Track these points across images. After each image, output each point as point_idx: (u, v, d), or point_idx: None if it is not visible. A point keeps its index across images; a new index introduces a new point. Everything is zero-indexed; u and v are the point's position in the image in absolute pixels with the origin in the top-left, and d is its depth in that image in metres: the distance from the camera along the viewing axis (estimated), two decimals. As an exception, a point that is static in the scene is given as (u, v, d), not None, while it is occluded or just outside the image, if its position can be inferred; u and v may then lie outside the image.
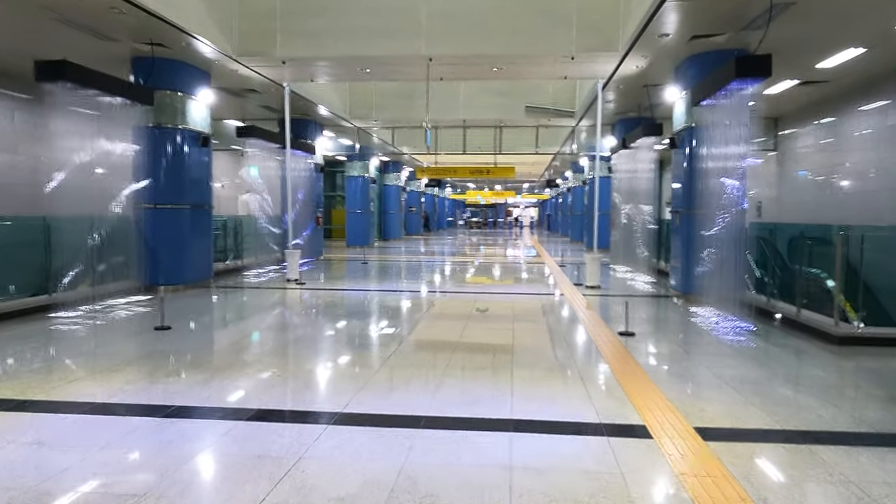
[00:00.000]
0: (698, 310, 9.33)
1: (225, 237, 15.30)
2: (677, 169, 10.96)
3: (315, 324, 8.23)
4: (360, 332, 7.63)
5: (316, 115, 17.14)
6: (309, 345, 6.90)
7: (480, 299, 10.61)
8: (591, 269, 12.17)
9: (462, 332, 7.50)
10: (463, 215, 70.16)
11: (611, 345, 6.83)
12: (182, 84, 11.14)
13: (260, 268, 14.83)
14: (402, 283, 13.29)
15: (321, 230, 18.83)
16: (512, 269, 16.88)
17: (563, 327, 8.06)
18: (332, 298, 10.77)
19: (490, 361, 6.04)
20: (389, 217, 31.49)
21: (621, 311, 8.76)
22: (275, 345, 6.92)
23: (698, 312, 9.14)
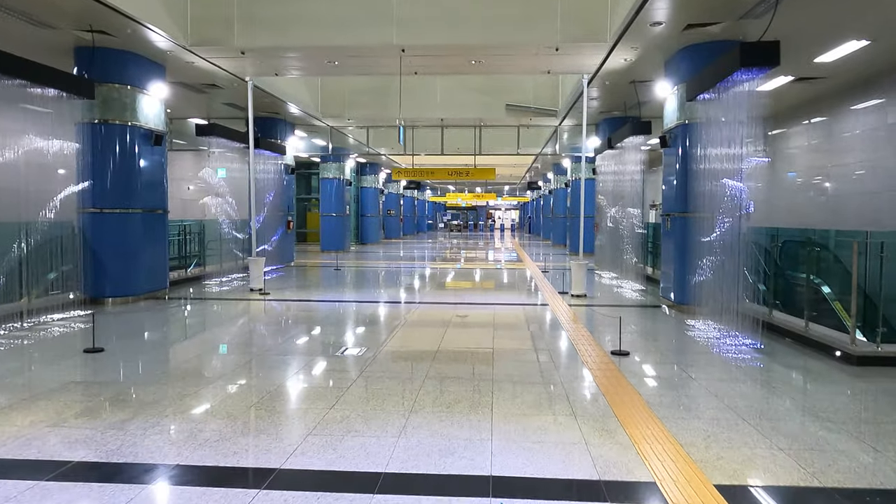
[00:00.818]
0: (695, 322, 8.58)
1: (185, 243, 14.30)
2: (668, 169, 10.24)
3: (270, 344, 7.34)
4: (321, 354, 6.75)
5: (286, 113, 16.21)
6: (258, 372, 6.00)
7: (458, 311, 9.78)
8: (576, 275, 11.40)
9: (436, 354, 6.65)
10: (443, 218, 69.33)
11: (604, 368, 6.03)
12: (131, 77, 10.17)
13: (224, 276, 13.85)
14: (374, 292, 12.41)
15: (292, 235, 17.89)
16: (492, 276, 16.08)
17: (549, 345, 7.25)
18: (296, 311, 9.86)
19: (467, 391, 5.20)
20: (367, 221, 30.58)
21: (611, 324, 7.99)
22: (220, 371, 6.02)
23: (695, 325, 8.39)
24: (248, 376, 5.74)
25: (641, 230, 13.23)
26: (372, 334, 7.88)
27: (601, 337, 7.61)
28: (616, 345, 6.91)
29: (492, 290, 12.75)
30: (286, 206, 17.35)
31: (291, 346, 7.08)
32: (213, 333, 8.14)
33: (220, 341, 7.56)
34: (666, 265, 10.39)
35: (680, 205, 9.67)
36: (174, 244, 14.29)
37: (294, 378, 5.63)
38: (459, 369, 5.98)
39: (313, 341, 7.46)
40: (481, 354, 6.61)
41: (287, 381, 5.56)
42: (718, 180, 7.99)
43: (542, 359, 6.47)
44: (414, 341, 7.40)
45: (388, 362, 6.25)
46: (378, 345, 7.09)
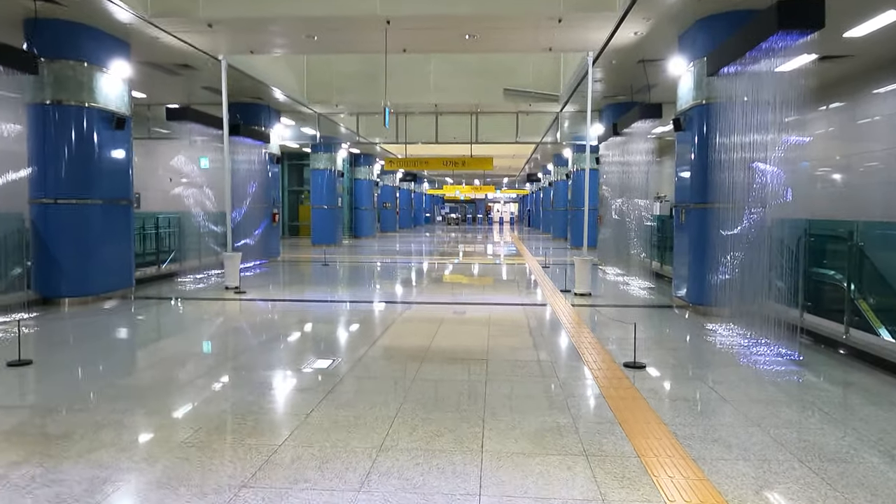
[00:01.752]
0: (715, 326, 7.62)
1: (159, 238, 13.33)
2: (683, 156, 9.26)
3: (229, 355, 6.38)
4: (285, 368, 5.79)
5: (270, 98, 15.20)
6: (204, 393, 5.05)
7: (450, 312, 8.82)
8: (580, 273, 10.44)
9: (419, 367, 5.69)
10: (441, 211, 68.31)
11: (618, 386, 5.07)
12: (88, 53, 9.16)
13: (201, 272, 12.86)
14: (360, 290, 11.44)
15: (277, 228, 16.90)
16: (489, 272, 15.11)
17: (552, 355, 6.29)
18: (269, 313, 8.90)
19: (453, 420, 4.25)
20: (361, 213, 29.58)
21: (621, 328, 7.03)
22: (159, 391, 5.06)
23: (716, 330, 7.42)
24: (191, 398, 4.78)
25: (650, 223, 12.25)
26: (349, 343, 6.92)
27: (611, 344, 6.65)
28: (629, 355, 5.96)
29: (488, 288, 11.79)
30: (271, 197, 16.36)
31: (252, 358, 6.11)
32: (169, 341, 7.18)
33: (174, 351, 6.60)
34: (679, 261, 9.43)
35: (697, 194, 8.70)
36: (149, 238, 13.34)
37: (245, 402, 4.67)
38: (446, 389, 5.02)
39: (279, 351, 6.49)
40: (473, 368, 5.66)
41: (236, 405, 4.59)
42: (745, 166, 7.02)
43: (544, 373, 5.51)
44: (396, 350, 6.43)
45: (363, 379, 5.30)
46: (354, 356, 6.13)
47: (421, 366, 5.68)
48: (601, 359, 5.99)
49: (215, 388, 5.05)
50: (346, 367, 5.63)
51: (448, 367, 5.67)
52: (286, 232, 29.57)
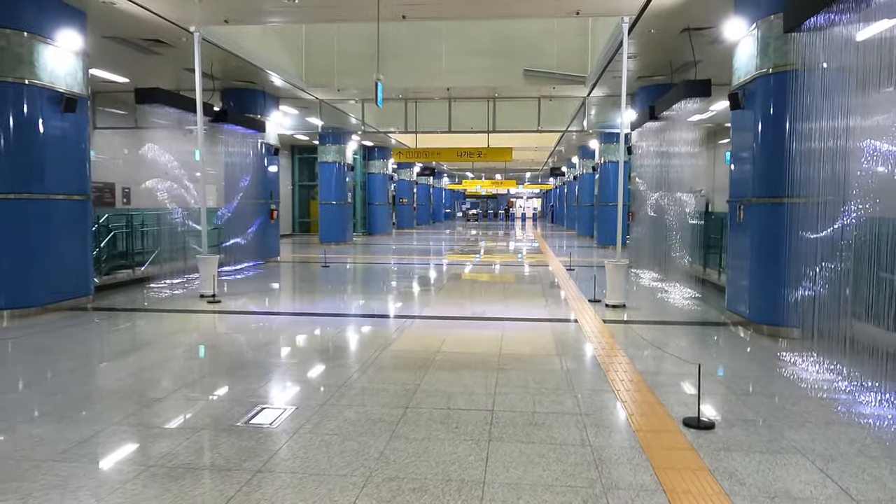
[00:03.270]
0: (794, 357, 5.91)
1: (133, 237, 11.96)
2: (742, 139, 7.55)
3: (161, 393, 4.88)
4: (213, 419, 4.26)
5: (265, 83, 13.74)
6: (106, 450, 3.54)
7: (453, 333, 7.24)
8: (613, 280, 8.79)
9: (406, 413, 4.13)
10: (462, 207, 66.69)
11: (681, 465, 3.45)
12: (26, 20, 7.75)
13: (178, 276, 11.43)
14: (354, 300, 9.90)
15: (276, 226, 15.46)
16: (507, 276, 13.48)
17: (581, 405, 4.65)
18: (238, 331, 7.41)
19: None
20: (375, 209, 28.11)
21: (670, 359, 5.37)
22: (56, 448, 3.56)
23: (796, 363, 5.72)
24: (85, 464, 3.27)
25: (696, 221, 10.51)
26: (313, 382, 5.37)
27: (660, 383, 5.02)
28: (687, 403, 4.35)
29: (504, 296, 10.16)
30: (268, 192, 14.92)
31: (188, 402, 4.59)
32: (103, 369, 5.70)
33: (102, 384, 5.12)
34: (735, 268, 7.73)
35: (762, 186, 6.99)
36: (122, 239, 11.98)
37: (178, 471, 3.14)
38: (428, 466, 3.44)
39: (217, 389, 4.96)
40: (471, 429, 4.07)
41: (165, 476, 3.06)
42: (840, 150, 5.32)
43: (571, 438, 3.90)
44: (374, 393, 4.86)
45: (314, 447, 3.74)
46: (312, 403, 4.58)
47: (398, 427, 4.11)
48: (650, 410, 4.36)
49: (117, 450, 3.54)
50: (294, 424, 4.08)
51: (437, 427, 4.09)
52: (296, 229, 28.24)
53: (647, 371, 5.42)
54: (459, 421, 4.16)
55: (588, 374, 5.41)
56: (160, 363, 5.74)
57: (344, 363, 5.76)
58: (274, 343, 6.61)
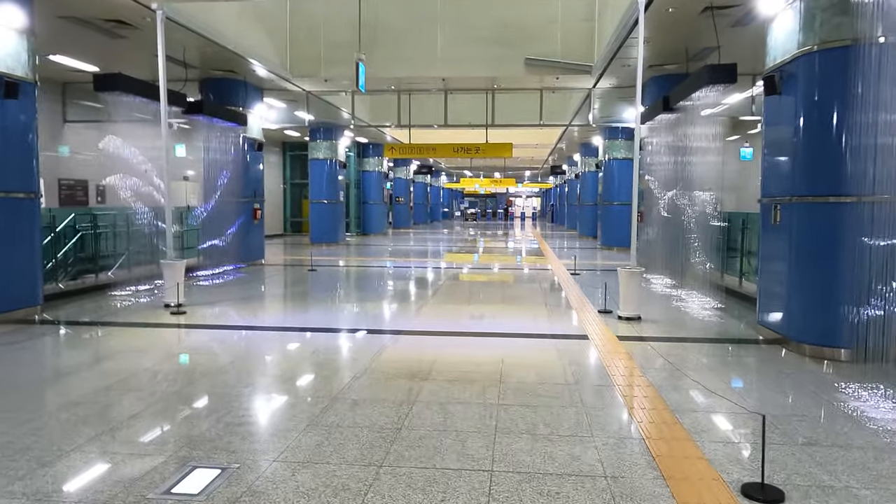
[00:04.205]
0: (857, 389, 4.91)
1: (97, 240, 10.95)
2: (778, 129, 6.56)
3: (89, 437, 3.88)
4: (167, 470, 3.26)
5: (248, 73, 12.74)
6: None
7: (445, 353, 6.25)
8: (626, 289, 7.81)
9: (378, 476, 3.14)
10: (461, 206, 65.70)
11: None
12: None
13: (146, 282, 10.40)
14: (335, 311, 8.88)
15: (260, 227, 14.45)
16: (507, 282, 12.49)
17: (604, 457, 3.65)
18: (199, 349, 6.41)
19: None
20: (370, 208, 27.06)
21: (704, 391, 4.37)
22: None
23: (862, 396, 4.73)
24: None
25: (719, 223, 9.52)
26: (270, 421, 4.37)
27: (700, 427, 4.03)
28: (743, 463, 3.36)
29: (504, 306, 9.15)
30: (251, 190, 13.92)
31: (100, 457, 3.59)
32: (3, 407, 4.70)
33: (16, 424, 4.12)
34: (771, 278, 6.73)
35: (807, 184, 6.01)
36: (87, 241, 10.96)
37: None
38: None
39: (157, 441, 3.96)
40: (464, 496, 3.07)
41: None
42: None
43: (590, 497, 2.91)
44: (340, 446, 3.86)
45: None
46: (262, 460, 3.58)
47: (374, 485, 3.13)
48: (693, 470, 3.38)
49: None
50: (228, 495, 3.08)
51: (429, 483, 3.10)
52: (288, 228, 27.22)
53: (681, 408, 4.43)
54: (447, 489, 3.16)
55: (609, 414, 4.41)
56: (84, 399, 4.74)
57: (308, 397, 4.76)
58: (228, 369, 5.60)
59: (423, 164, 35.57)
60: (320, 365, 5.76)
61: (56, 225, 9.96)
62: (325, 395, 4.73)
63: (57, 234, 10.10)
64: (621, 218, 19.11)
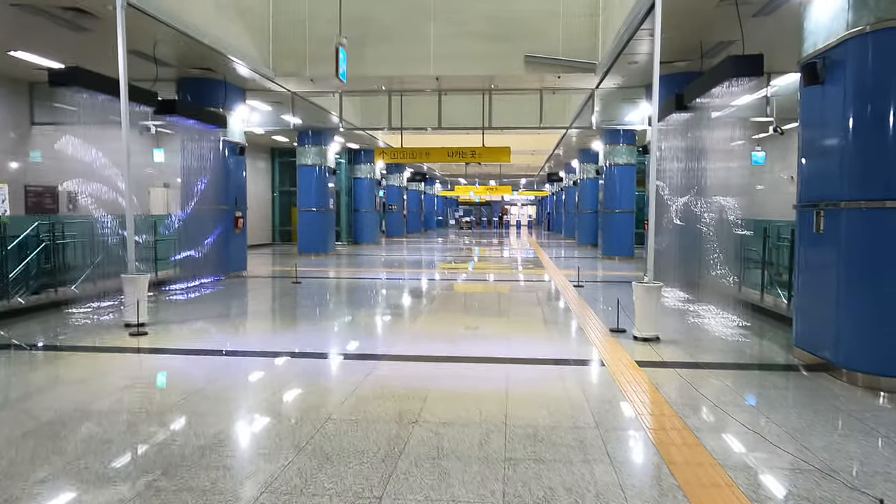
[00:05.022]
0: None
1: (57, 251, 10.01)
2: (820, 124, 5.73)
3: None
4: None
5: (228, 72, 11.88)
6: None
7: (439, 383, 5.35)
8: (643, 306, 6.94)
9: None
10: (455, 214, 64.90)
11: None
12: None
13: (113, 297, 9.46)
14: (317, 330, 7.95)
15: (242, 236, 13.53)
16: (506, 296, 11.60)
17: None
18: (150, 382, 5.49)
19: None
20: (361, 217, 26.14)
21: (750, 435, 3.49)
22: None
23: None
24: None
25: (743, 231, 8.67)
26: (215, 480, 3.46)
27: (760, 491, 3.16)
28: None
29: (504, 325, 8.26)
30: (232, 197, 13.02)
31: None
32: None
33: None
34: (812, 294, 5.88)
35: (859, 186, 5.17)
36: (49, 252, 10.03)
37: None
38: None
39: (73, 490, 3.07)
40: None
41: None
42: None
43: None
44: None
45: None
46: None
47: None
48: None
49: None
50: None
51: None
52: (277, 238, 26.31)
53: (734, 463, 3.55)
54: None
55: (645, 472, 3.53)
56: (15, 439, 3.82)
57: (265, 449, 3.86)
58: (176, 408, 4.69)
59: (416, 171, 34.73)
60: (288, 403, 4.85)
61: (5, 235, 9.02)
62: (289, 444, 3.83)
63: (20, 244, 9.21)
64: (623, 226, 18.31)
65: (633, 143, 18.16)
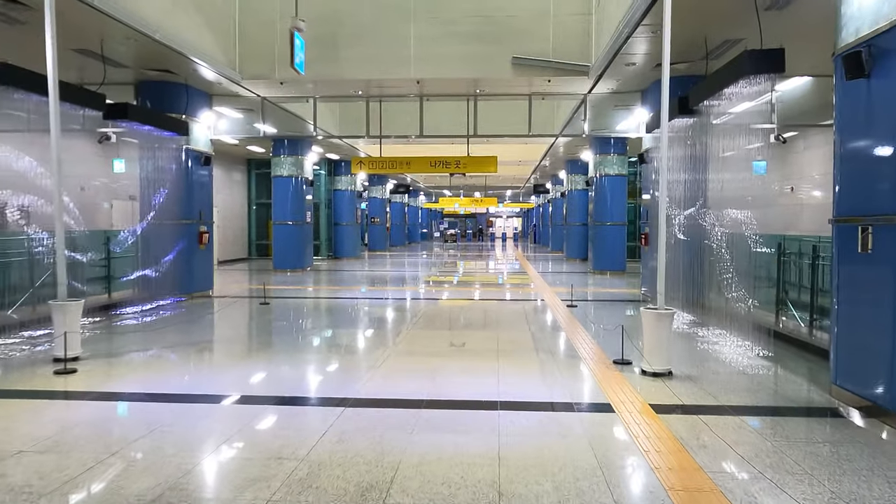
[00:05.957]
0: None
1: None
2: (865, 125, 4.86)
3: None
4: None
5: (191, 75, 10.89)
6: None
7: (415, 443, 4.36)
8: (654, 336, 6.03)
9: None
10: (440, 226, 63.95)
11: None
12: None
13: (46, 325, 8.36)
14: (275, 364, 6.90)
15: (207, 253, 12.46)
16: (493, 321, 10.64)
17: None
18: (65, 437, 4.43)
19: None
20: (342, 230, 25.08)
21: None
22: None
23: None
24: None
25: (762, 249, 7.79)
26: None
27: None
28: None
29: (493, 356, 7.26)
30: (196, 211, 11.97)
31: None
32: None
33: None
34: (857, 323, 4.99)
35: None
36: None
37: None
38: None
39: None
40: None
41: None
42: None
43: None
44: None
45: None
46: None
47: None
48: None
49: None
50: None
51: None
52: (253, 252, 25.16)
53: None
54: None
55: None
56: None
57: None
58: (75, 485, 3.66)
59: (399, 182, 33.84)
60: (219, 475, 3.83)
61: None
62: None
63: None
64: (615, 239, 17.47)
65: (624, 152, 17.39)
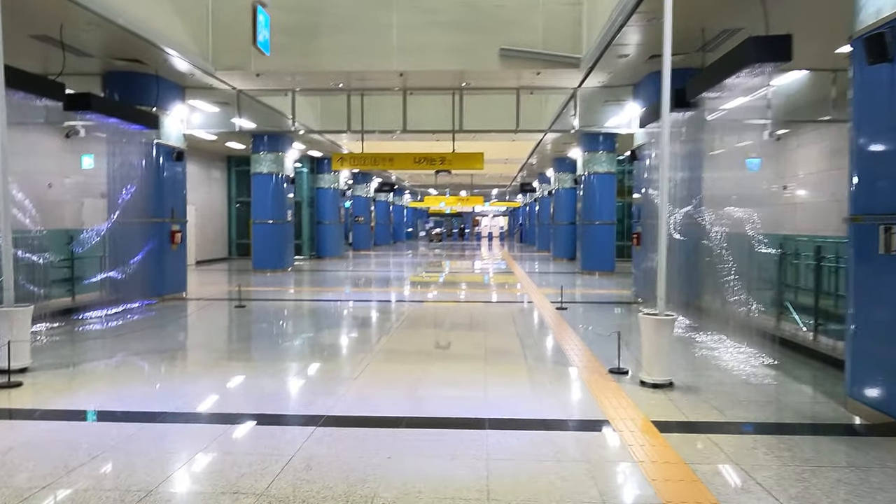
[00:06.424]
0: None
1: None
2: (887, 112, 4.44)
3: None
4: None
5: (161, 65, 10.31)
6: None
7: (394, 468, 3.86)
8: (654, 345, 5.58)
9: None
10: (426, 225, 63.41)
11: None
12: None
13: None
14: (246, 375, 6.39)
15: (180, 253, 11.87)
16: (480, 326, 10.16)
17: None
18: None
19: None
20: (325, 229, 24.46)
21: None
22: None
23: None
24: None
25: (767, 250, 7.36)
26: None
27: None
28: None
29: (480, 366, 6.76)
30: (167, 209, 11.38)
31: None
32: None
33: None
34: (877, 332, 4.57)
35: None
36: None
37: None
38: None
39: None
40: None
41: None
42: None
43: None
44: None
45: None
46: None
47: None
48: None
49: None
50: None
51: None
52: (234, 252, 24.49)
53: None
54: None
55: None
56: None
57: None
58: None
59: (384, 181, 33.29)
60: (206, 484, 3.32)
61: None
62: None
63: None
64: (603, 239, 17.09)
65: (613, 150, 17.01)
